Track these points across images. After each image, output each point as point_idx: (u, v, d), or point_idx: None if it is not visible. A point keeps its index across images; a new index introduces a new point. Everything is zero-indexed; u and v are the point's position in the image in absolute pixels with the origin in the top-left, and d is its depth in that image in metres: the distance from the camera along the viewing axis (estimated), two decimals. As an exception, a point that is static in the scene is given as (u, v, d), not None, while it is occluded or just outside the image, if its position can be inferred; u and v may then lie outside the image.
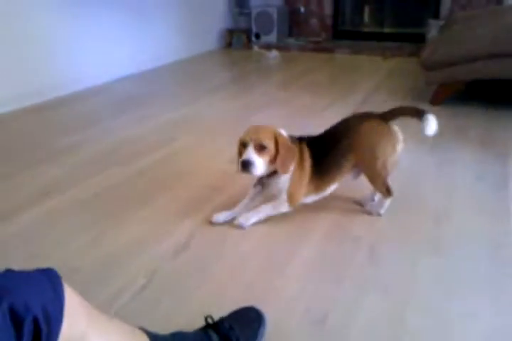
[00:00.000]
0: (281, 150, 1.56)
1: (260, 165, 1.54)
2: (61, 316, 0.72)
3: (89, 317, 0.81)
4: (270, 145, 1.54)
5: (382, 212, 1.75)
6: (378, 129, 1.66)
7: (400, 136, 1.67)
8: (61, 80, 3.52)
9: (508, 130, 2.58)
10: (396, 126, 1.68)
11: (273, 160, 1.57)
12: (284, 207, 1.68)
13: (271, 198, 1.70)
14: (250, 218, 1.68)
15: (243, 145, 1.57)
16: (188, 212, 1.81)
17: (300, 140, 1.67)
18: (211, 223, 1.72)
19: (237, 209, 1.74)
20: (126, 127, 2.84)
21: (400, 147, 1.67)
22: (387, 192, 1.71)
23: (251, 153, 1.53)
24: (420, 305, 1.29)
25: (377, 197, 1.81)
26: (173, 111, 3.13)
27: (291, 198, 1.66)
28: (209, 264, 1.50)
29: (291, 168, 1.61)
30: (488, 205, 1.81)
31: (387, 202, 1.74)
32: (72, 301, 0.76)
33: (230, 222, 1.71)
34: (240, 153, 1.60)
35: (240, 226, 1.67)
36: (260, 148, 1.54)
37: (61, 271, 0.79)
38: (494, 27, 2.96)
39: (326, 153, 1.66)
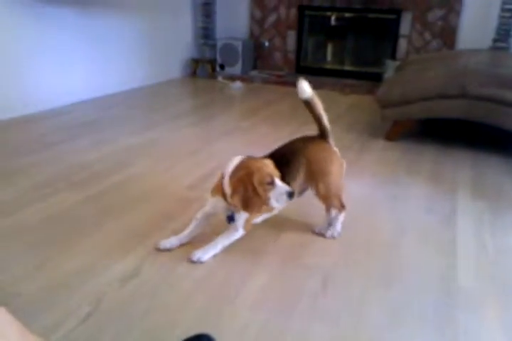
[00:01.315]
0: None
1: None
2: None
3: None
4: None
5: (338, 230, 1.81)
6: (324, 149, 1.78)
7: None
8: (16, 101, 3.44)
9: (457, 167, 2.70)
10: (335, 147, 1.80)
11: None
12: (239, 233, 1.69)
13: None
14: (208, 251, 1.64)
15: (268, 183, 1.54)
16: (139, 239, 1.77)
17: None
18: (158, 249, 1.69)
19: (182, 235, 1.72)
20: (81, 151, 2.78)
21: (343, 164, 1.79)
22: (342, 206, 1.79)
23: (284, 184, 1.56)
24: (367, 337, 1.30)
25: (332, 219, 1.83)
26: (132, 137, 3.10)
27: (247, 223, 1.69)
28: (158, 292, 1.46)
29: None
30: (435, 238, 1.87)
31: (342, 216, 1.81)
32: (5, 324, 0.72)
33: (176, 248, 1.69)
34: (248, 190, 1.53)
35: (198, 261, 1.62)
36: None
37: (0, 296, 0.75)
38: (445, 70, 3.16)
39: None
